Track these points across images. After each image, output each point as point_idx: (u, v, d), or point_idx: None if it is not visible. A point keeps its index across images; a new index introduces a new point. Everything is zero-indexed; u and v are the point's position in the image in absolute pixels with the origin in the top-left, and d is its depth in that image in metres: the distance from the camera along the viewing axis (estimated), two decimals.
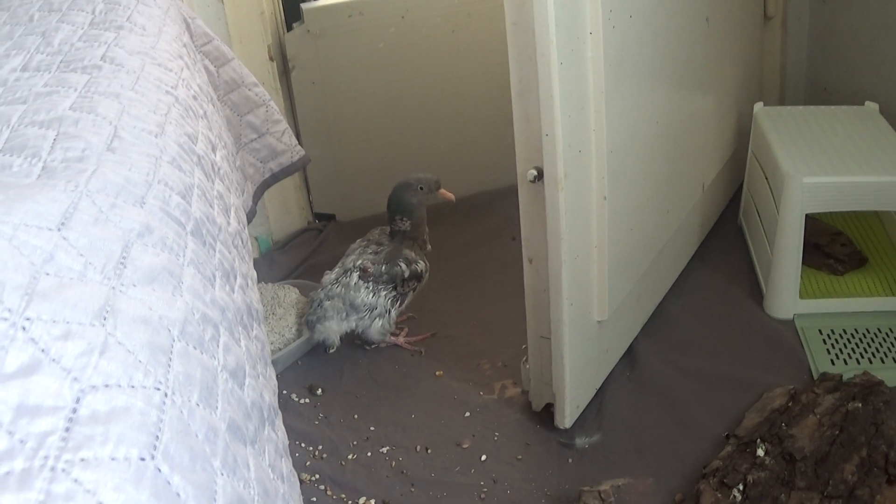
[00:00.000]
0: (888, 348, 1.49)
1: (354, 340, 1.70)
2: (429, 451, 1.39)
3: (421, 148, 2.22)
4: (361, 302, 1.62)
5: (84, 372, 0.49)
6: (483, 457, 1.37)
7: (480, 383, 1.55)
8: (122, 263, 0.59)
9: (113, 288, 0.56)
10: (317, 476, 1.36)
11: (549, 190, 1.19)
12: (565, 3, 1.12)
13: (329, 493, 1.33)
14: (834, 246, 1.71)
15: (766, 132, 1.70)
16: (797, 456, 1.21)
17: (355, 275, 1.63)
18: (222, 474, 0.53)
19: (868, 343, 1.51)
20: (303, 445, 1.43)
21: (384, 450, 1.41)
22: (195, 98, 1.03)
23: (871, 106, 1.78)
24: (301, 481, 1.36)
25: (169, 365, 0.54)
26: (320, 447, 1.42)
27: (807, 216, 1.54)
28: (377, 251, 1.65)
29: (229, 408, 0.60)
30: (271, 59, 2.01)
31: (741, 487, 1.19)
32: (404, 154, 2.21)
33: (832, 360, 1.47)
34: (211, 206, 0.85)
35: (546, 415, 1.42)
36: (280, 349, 1.65)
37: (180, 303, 0.61)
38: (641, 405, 1.43)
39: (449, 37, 2.13)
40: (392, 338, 1.69)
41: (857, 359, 1.47)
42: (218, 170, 0.99)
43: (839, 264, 1.68)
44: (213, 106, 1.23)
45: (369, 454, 1.40)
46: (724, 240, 1.89)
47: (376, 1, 2.05)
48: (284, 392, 1.57)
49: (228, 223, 0.93)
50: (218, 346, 0.64)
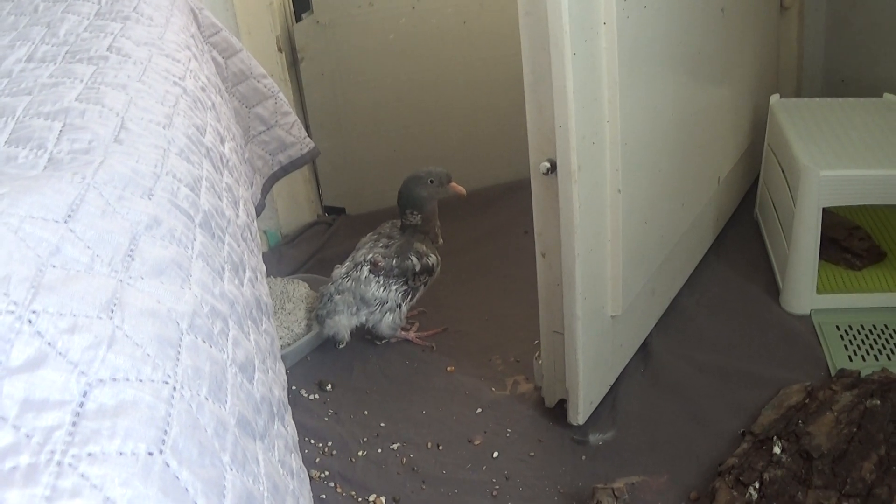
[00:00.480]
0: None
1: (365, 335, 1.70)
2: (440, 448, 1.39)
3: (432, 140, 2.22)
4: (372, 296, 1.61)
5: (91, 365, 0.48)
6: (495, 453, 1.36)
7: (492, 379, 1.55)
8: (130, 256, 0.59)
9: (120, 281, 0.56)
10: (326, 473, 1.36)
11: (563, 182, 1.19)
12: None
13: (339, 490, 1.33)
14: (851, 240, 1.69)
15: (783, 124, 1.69)
16: (814, 454, 1.20)
17: (366, 269, 1.62)
18: (231, 469, 0.53)
19: (886, 339, 1.50)
20: (312, 442, 1.43)
21: (395, 446, 1.40)
22: (203, 89, 1.03)
23: (890, 98, 1.76)
24: (310, 478, 1.36)
25: (177, 358, 0.54)
26: (330, 443, 1.42)
27: (824, 210, 1.52)
28: (388, 245, 1.65)
29: (238, 402, 0.59)
30: (280, 50, 2.00)
31: (757, 485, 1.18)
32: (415, 146, 2.21)
33: (850, 357, 1.46)
34: (220, 199, 0.85)
35: (559, 411, 1.42)
36: (289, 344, 1.65)
37: (189, 296, 0.61)
38: (656, 401, 1.43)
39: (460, 27, 2.12)
40: (403, 333, 1.69)
41: (876, 355, 1.46)
42: (227, 162, 0.99)
43: (857, 259, 1.67)
44: (222, 97, 1.22)
45: (379, 451, 1.40)
46: (740, 234, 1.88)
47: None
48: (294, 388, 1.57)
49: (237, 216, 0.92)
50: (227, 340, 0.64)
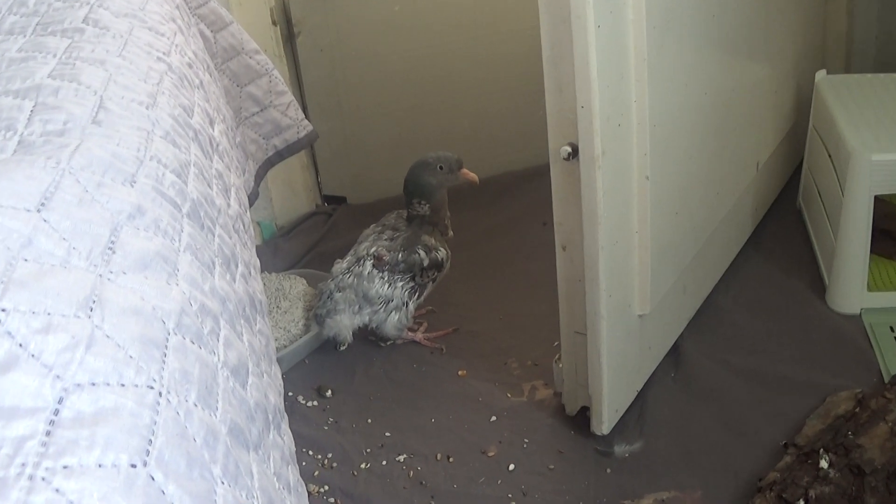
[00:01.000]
0: None
1: (368, 336, 1.70)
2: (450, 460, 1.39)
3: (441, 122, 2.21)
4: (376, 294, 1.61)
5: (67, 369, 0.48)
6: (511, 466, 1.36)
7: (508, 384, 1.54)
8: (111, 248, 0.59)
9: (100, 275, 0.56)
10: (326, 487, 1.36)
11: (585, 168, 1.18)
12: None
13: None
14: None
15: (830, 103, 1.67)
16: (866, 469, 1.19)
17: (369, 263, 1.62)
18: (223, 483, 0.53)
19: None
20: (310, 453, 1.43)
21: (401, 458, 1.40)
22: (190, 66, 1.03)
23: None
24: (309, 493, 1.36)
25: (163, 361, 0.54)
26: (330, 455, 1.42)
27: (875, 198, 1.51)
28: (393, 237, 1.65)
29: (231, 409, 0.59)
30: (274, 24, 2.00)
31: (802, 503, 1.17)
32: (423, 129, 2.20)
33: None
34: (209, 186, 0.84)
35: (581, 419, 1.42)
36: (285, 346, 1.65)
37: (176, 292, 0.61)
38: (688, 409, 1.42)
39: None
40: (410, 333, 1.69)
41: None
42: (216, 146, 0.99)
43: None
44: (211, 75, 1.22)
45: (384, 463, 1.40)
46: (782, 224, 1.87)
47: None
48: (290, 393, 1.57)
49: (229, 205, 0.92)
50: (218, 341, 0.64)
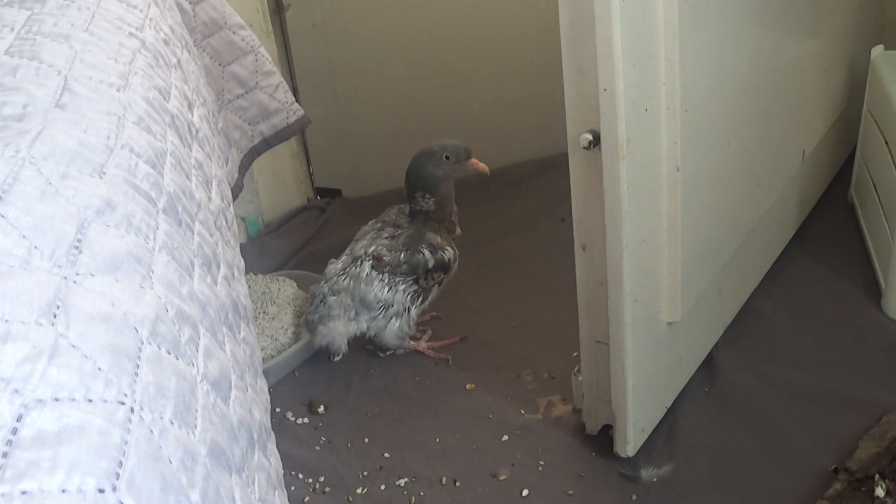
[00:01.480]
0: None
1: (365, 346, 1.70)
2: (457, 484, 1.39)
3: (448, 107, 2.21)
4: (374, 298, 1.62)
5: (28, 382, 0.48)
6: (525, 491, 1.36)
7: (521, 399, 1.54)
8: (77, 248, 0.59)
9: (65, 278, 0.56)
10: None
11: (608, 158, 1.18)
12: None
13: None
14: None
15: (887, 83, 1.66)
16: None
17: (367, 264, 1.62)
18: None
19: None
20: (300, 476, 1.43)
21: (401, 482, 1.40)
22: (166, 42, 1.03)
23: None
24: None
25: (136, 373, 0.54)
26: (322, 479, 1.42)
27: None
28: (394, 235, 1.65)
29: (211, 427, 0.59)
30: None
31: None
32: (427, 114, 2.20)
33: None
34: (188, 178, 0.84)
35: (604, 439, 1.41)
36: (273, 356, 1.65)
37: (150, 297, 0.61)
38: (724, 428, 1.42)
39: None
40: (412, 342, 1.69)
41: None
42: (196, 133, 0.99)
43: None
44: (189, 53, 1.22)
45: (383, 487, 1.40)
46: (831, 220, 1.87)
47: None
48: (278, 409, 1.57)
49: (209, 199, 0.92)
50: (197, 351, 0.64)
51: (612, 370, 1.33)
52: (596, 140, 1.18)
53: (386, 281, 1.62)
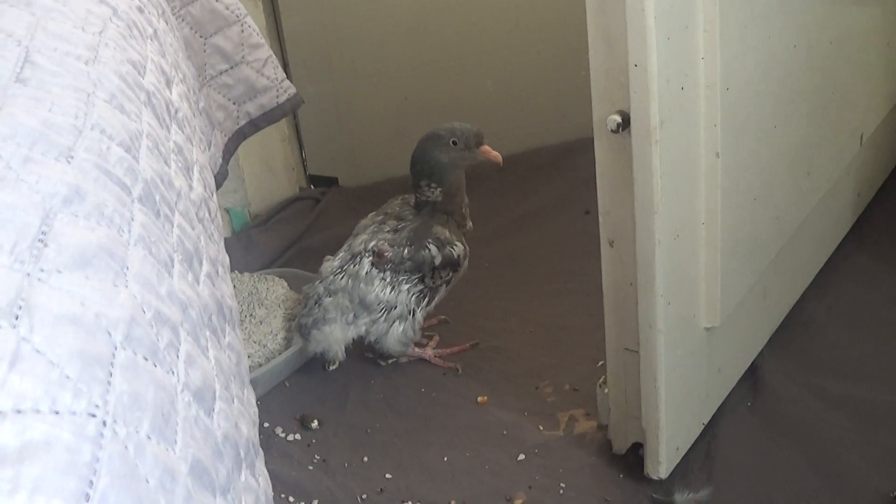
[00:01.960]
0: None
1: (364, 353, 1.70)
2: None
3: (457, 85, 2.21)
4: (375, 299, 1.62)
5: None
6: None
7: (540, 414, 1.54)
8: (42, 241, 0.59)
9: (28, 275, 0.56)
10: None
11: (639, 143, 1.18)
12: None
13: None
14: None
15: None
16: None
17: (367, 261, 1.62)
18: None
19: None
20: (291, 500, 1.43)
21: None
22: (141, 10, 1.03)
23: None
24: None
25: (108, 382, 0.54)
26: (315, 502, 1.42)
27: None
28: (397, 229, 1.65)
29: (193, 443, 0.59)
30: None
31: None
32: (434, 94, 2.20)
33: None
34: (166, 163, 0.84)
35: (633, 459, 1.41)
36: (261, 364, 1.65)
37: (125, 296, 0.61)
38: (770, 448, 1.42)
39: None
40: (417, 349, 1.69)
41: None
42: (175, 112, 0.99)
43: None
44: (167, 23, 1.22)
45: None
46: (892, 214, 1.86)
47: None
48: (267, 424, 1.57)
49: (191, 187, 0.92)
50: (177, 357, 0.64)
51: (643, 381, 1.33)
52: (625, 122, 1.18)
53: (388, 280, 1.62)
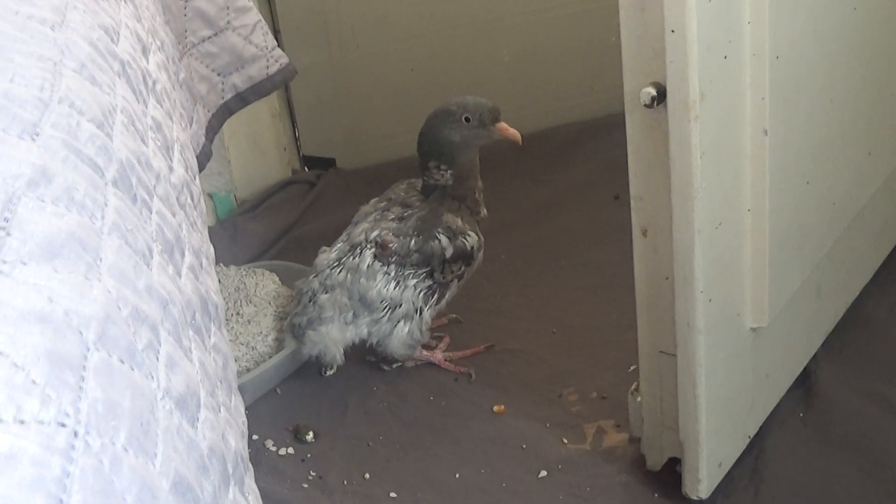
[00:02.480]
0: None
1: (366, 356, 1.70)
2: None
3: (469, 55, 2.21)
4: (378, 296, 1.62)
5: None
6: None
7: (564, 425, 1.54)
8: (4, 229, 0.59)
9: None
10: None
11: (676, 119, 1.18)
12: None
13: None
14: None
15: None
16: None
17: (368, 253, 1.62)
18: None
19: None
20: None
21: None
22: None
23: None
24: None
25: (81, 388, 0.54)
26: None
27: None
28: (402, 217, 1.65)
29: (175, 456, 0.59)
30: None
31: None
32: (444, 64, 2.20)
33: None
34: (143, 142, 0.84)
35: (669, 477, 1.41)
36: (249, 369, 1.65)
37: (98, 291, 0.61)
38: (824, 463, 1.42)
39: None
40: (425, 353, 1.69)
41: None
42: (153, 84, 0.99)
43: None
44: None
45: None
46: None
47: None
48: (255, 437, 1.57)
49: (171, 169, 0.92)
50: (157, 360, 0.64)
51: (680, 388, 1.32)
52: (660, 95, 1.18)
53: (392, 274, 1.62)
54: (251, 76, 1.61)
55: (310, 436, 1.57)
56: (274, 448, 1.56)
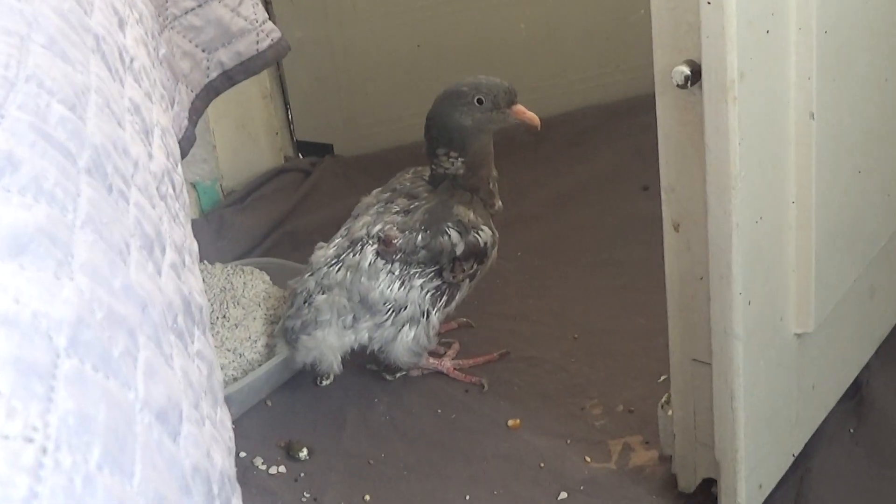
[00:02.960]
0: None
1: (366, 365, 1.71)
2: None
3: (482, 30, 2.21)
4: (380, 297, 1.62)
5: None
6: None
7: (586, 441, 1.55)
8: None
9: None
10: None
11: (712, 100, 1.18)
12: None
13: None
14: None
15: None
16: None
17: (370, 250, 1.62)
18: None
19: None
20: None
21: None
22: None
23: None
24: None
25: (50, 399, 0.54)
26: None
27: None
28: (408, 209, 1.65)
29: (155, 475, 0.59)
30: None
31: None
32: (453, 40, 2.20)
33: None
34: (120, 126, 0.84)
35: (704, 499, 1.41)
36: (236, 378, 1.65)
37: (70, 291, 0.61)
38: (878, 485, 1.42)
39: None
40: (432, 360, 1.69)
41: None
42: (130, 62, 0.99)
43: None
44: None
45: None
46: None
47: None
48: (243, 454, 1.58)
49: (150, 156, 0.92)
50: (135, 368, 0.64)
51: (716, 401, 1.33)
52: (695, 75, 1.18)
53: (397, 273, 1.62)
54: (239, 52, 1.61)
55: (303, 453, 1.57)
56: (264, 466, 1.56)
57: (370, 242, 1.63)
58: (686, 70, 1.18)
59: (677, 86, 1.19)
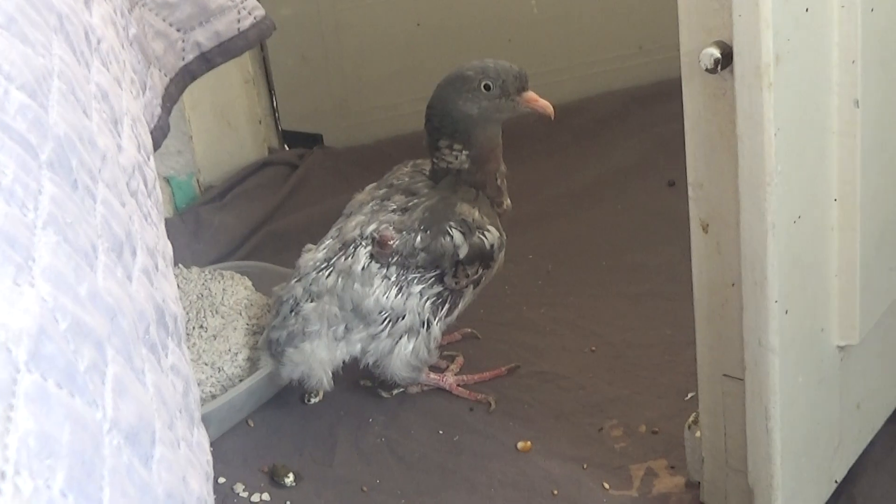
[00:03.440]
0: None
1: (359, 380, 1.71)
2: None
3: (489, 8, 2.21)
4: (375, 305, 1.62)
5: None
6: None
7: (604, 466, 1.55)
8: None
9: None
10: None
11: (745, 86, 1.18)
12: None
13: None
14: None
15: None
16: None
17: (364, 253, 1.62)
18: None
19: None
20: None
21: None
22: None
23: None
24: None
25: (9, 418, 0.54)
26: None
27: None
28: (406, 207, 1.65)
29: (124, 502, 0.60)
30: None
31: None
32: (457, 19, 2.20)
33: None
34: (86, 115, 0.85)
35: None
36: (214, 395, 1.66)
37: (31, 299, 0.61)
38: None
39: None
40: (433, 376, 1.69)
41: None
42: (97, 44, 0.99)
43: None
44: None
45: None
46: None
47: None
48: (222, 480, 1.58)
49: (120, 148, 0.92)
50: (103, 384, 0.64)
51: (749, 421, 1.33)
52: (726, 58, 1.18)
53: (393, 279, 1.62)
54: (218, 32, 1.61)
55: (289, 478, 1.58)
56: (245, 493, 1.56)
57: (364, 244, 1.63)
58: (716, 52, 1.18)
59: (706, 70, 1.19)
